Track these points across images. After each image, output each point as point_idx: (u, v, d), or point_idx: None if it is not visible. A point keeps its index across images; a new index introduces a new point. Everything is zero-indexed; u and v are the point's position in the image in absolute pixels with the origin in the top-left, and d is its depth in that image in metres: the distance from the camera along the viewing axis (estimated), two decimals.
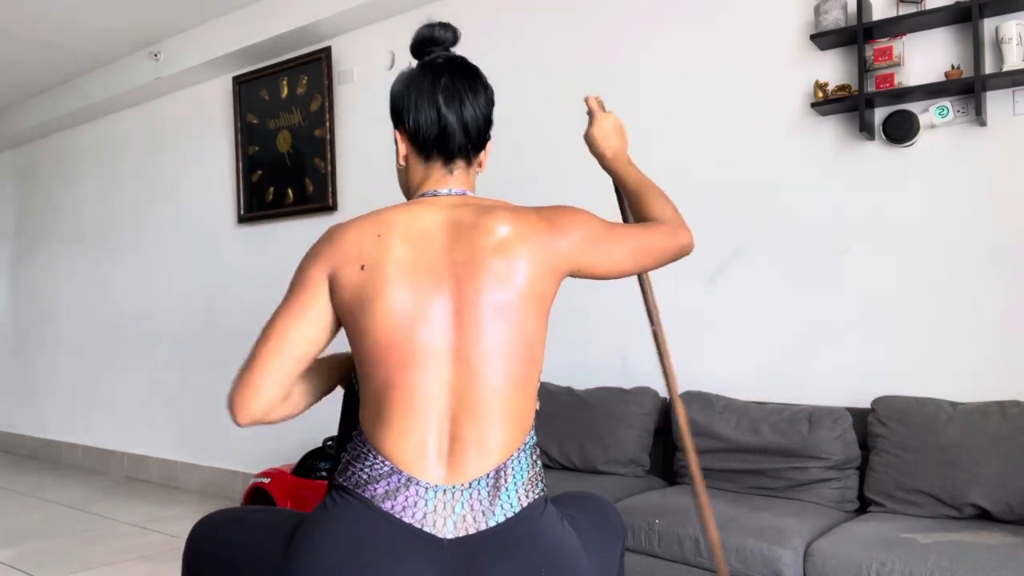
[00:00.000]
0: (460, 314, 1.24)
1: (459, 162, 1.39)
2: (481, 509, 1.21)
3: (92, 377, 6.23)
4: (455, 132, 1.36)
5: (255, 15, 4.73)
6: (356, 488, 1.23)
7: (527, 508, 1.25)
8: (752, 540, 2.33)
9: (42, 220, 6.88)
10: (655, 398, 3.17)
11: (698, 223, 3.28)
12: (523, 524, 1.24)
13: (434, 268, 1.25)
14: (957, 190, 2.76)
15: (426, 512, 1.20)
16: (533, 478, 1.28)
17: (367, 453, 1.24)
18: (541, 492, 1.30)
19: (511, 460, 1.25)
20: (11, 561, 3.68)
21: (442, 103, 1.35)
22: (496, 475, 1.23)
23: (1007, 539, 2.17)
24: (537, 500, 1.28)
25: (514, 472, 1.25)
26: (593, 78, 3.64)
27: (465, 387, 1.23)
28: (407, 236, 1.27)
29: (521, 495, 1.25)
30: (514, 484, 1.25)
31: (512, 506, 1.24)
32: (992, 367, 2.66)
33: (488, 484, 1.22)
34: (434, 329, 1.23)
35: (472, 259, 1.25)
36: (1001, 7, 2.66)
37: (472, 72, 1.43)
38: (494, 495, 1.22)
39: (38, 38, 5.19)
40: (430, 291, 1.24)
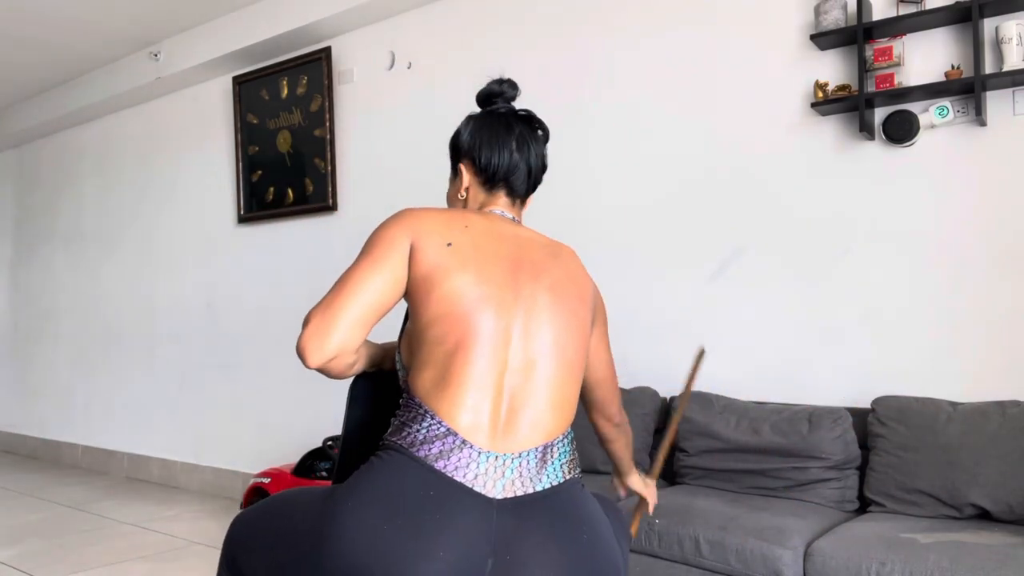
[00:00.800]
0: (531, 302, 1.37)
1: (519, 200, 1.56)
2: (529, 476, 1.30)
3: (92, 377, 6.23)
4: (522, 173, 1.53)
5: (255, 15, 4.73)
6: (410, 447, 1.27)
7: (569, 481, 1.35)
8: (752, 540, 2.33)
9: (42, 220, 6.88)
10: (655, 398, 3.17)
11: (698, 223, 3.30)
12: (567, 492, 1.34)
13: (514, 261, 1.39)
14: (957, 190, 2.76)
15: (477, 474, 1.26)
16: (573, 461, 1.39)
17: (424, 414, 1.29)
18: (579, 473, 1.41)
19: (557, 441, 1.35)
20: (11, 561, 3.68)
21: (515, 147, 1.51)
22: (544, 449, 1.33)
23: (1007, 539, 2.17)
24: (577, 478, 1.40)
25: (559, 451, 1.35)
26: (593, 78, 3.64)
27: (526, 367, 1.33)
28: (489, 234, 1.41)
29: (564, 471, 1.35)
30: (559, 460, 1.35)
31: (557, 476, 1.33)
32: (992, 367, 2.66)
33: (536, 456, 1.31)
34: (507, 310, 1.34)
35: (545, 265, 1.42)
36: (1001, 7, 2.66)
37: (540, 125, 1.59)
38: (541, 466, 1.31)
39: (38, 38, 5.19)
40: (508, 278, 1.37)
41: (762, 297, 3.13)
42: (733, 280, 3.21)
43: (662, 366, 3.31)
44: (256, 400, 4.91)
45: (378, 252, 1.34)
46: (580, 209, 3.61)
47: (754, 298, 3.15)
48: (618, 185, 3.54)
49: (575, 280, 1.47)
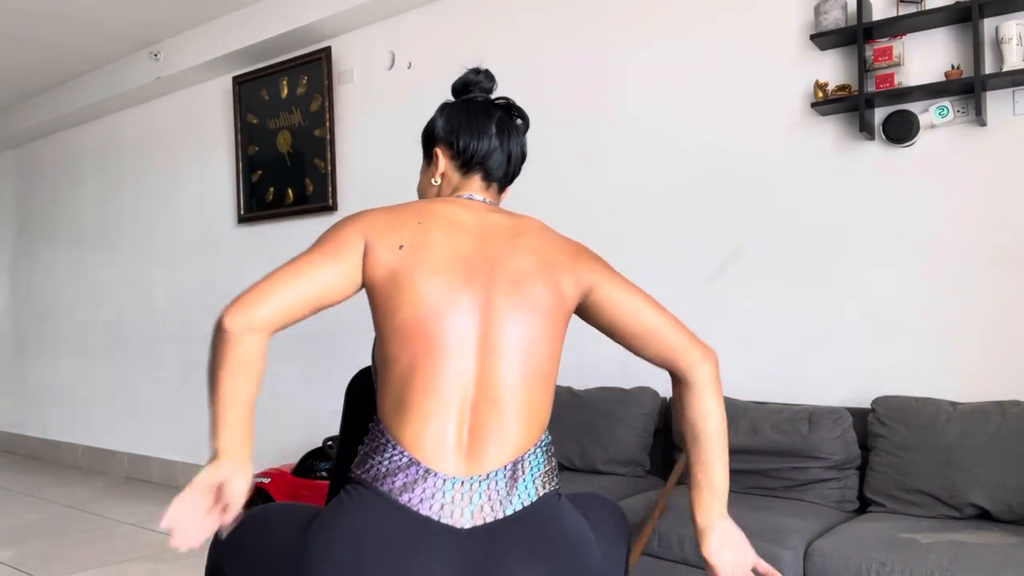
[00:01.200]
0: (488, 307, 1.28)
1: (494, 185, 1.50)
2: (499, 499, 1.24)
3: (92, 377, 6.23)
4: (500, 158, 1.47)
5: (255, 15, 4.73)
6: (374, 482, 1.23)
7: (543, 498, 1.28)
8: (752, 540, 2.31)
9: (42, 220, 6.88)
10: (655, 398, 3.17)
11: (697, 223, 3.30)
12: (540, 512, 1.26)
13: (468, 261, 1.30)
14: (957, 190, 2.76)
15: (443, 503, 1.21)
16: (549, 472, 1.31)
17: (386, 444, 1.25)
18: (556, 486, 1.32)
19: (528, 454, 1.28)
20: (11, 561, 3.68)
21: (494, 132, 1.46)
22: (513, 467, 1.26)
23: (1007, 539, 2.17)
24: (552, 491, 1.31)
25: (530, 465, 1.28)
26: (593, 78, 3.64)
27: (488, 378, 1.26)
28: (447, 227, 1.33)
29: (538, 486, 1.28)
30: (531, 475, 1.27)
31: (529, 495, 1.26)
32: (992, 367, 2.66)
33: (506, 475, 1.25)
34: (464, 318, 1.27)
35: (504, 257, 1.32)
36: (1001, 7, 2.66)
37: (519, 113, 1.54)
38: (511, 486, 1.25)
39: (38, 37, 5.19)
40: (463, 282, 1.28)
41: (762, 297, 3.13)
42: (733, 280, 3.21)
43: None
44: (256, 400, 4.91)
45: (328, 246, 1.29)
46: (580, 209, 3.61)
47: (754, 298, 3.15)
48: (618, 185, 3.53)
49: (542, 260, 1.34)
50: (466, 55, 4.33)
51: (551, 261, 1.35)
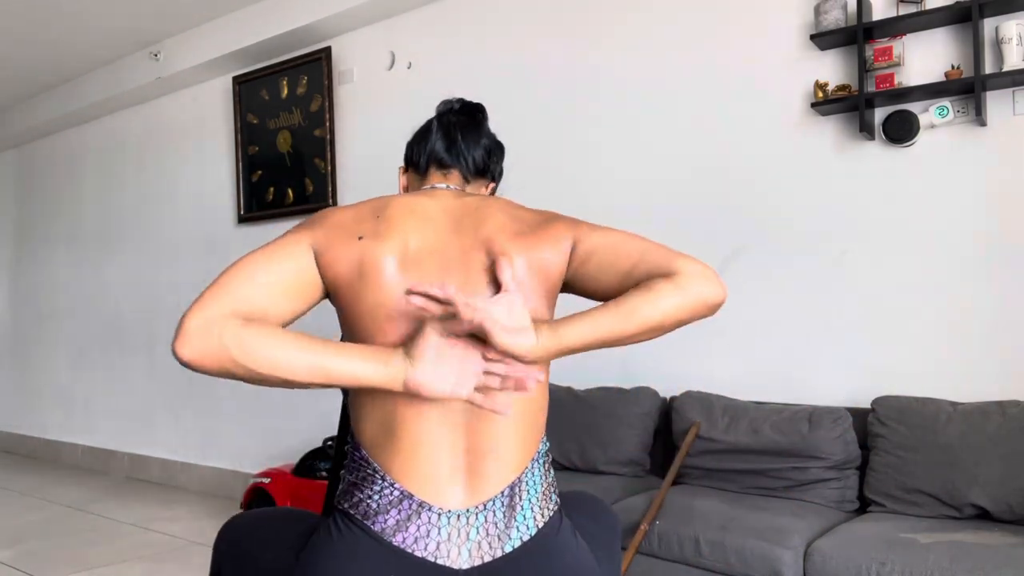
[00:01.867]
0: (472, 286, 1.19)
1: (454, 173, 1.42)
2: (496, 533, 1.16)
3: (92, 377, 6.23)
4: (455, 149, 1.41)
5: (255, 15, 4.73)
6: (364, 519, 1.15)
7: (543, 528, 1.20)
8: (752, 540, 2.33)
9: (42, 220, 6.88)
10: (655, 398, 3.17)
11: (698, 223, 3.30)
12: (539, 546, 1.19)
13: (438, 252, 1.21)
14: (957, 190, 2.76)
15: (439, 542, 1.14)
16: (547, 490, 1.23)
17: (374, 475, 1.16)
18: (556, 506, 1.25)
19: (525, 473, 1.20)
20: (11, 561, 3.68)
21: (440, 134, 1.43)
22: (511, 492, 1.18)
23: (1007, 539, 2.17)
24: (553, 517, 1.23)
25: (528, 487, 1.20)
26: (593, 78, 3.64)
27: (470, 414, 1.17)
28: (409, 216, 1.23)
29: (536, 513, 1.20)
30: (529, 501, 1.20)
31: (528, 527, 1.19)
32: (992, 367, 2.66)
33: (503, 504, 1.17)
34: None
35: (476, 244, 1.22)
36: (1001, 7, 2.66)
37: (469, 108, 1.49)
38: (509, 516, 1.18)
39: (38, 38, 5.19)
40: (433, 276, 1.17)
41: (762, 297, 3.13)
42: (733, 280, 3.19)
43: (662, 366, 3.31)
44: (256, 400, 4.91)
45: (273, 246, 1.18)
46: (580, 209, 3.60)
47: (754, 298, 3.15)
48: (617, 185, 3.53)
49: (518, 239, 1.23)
50: (466, 55, 4.35)
51: (526, 236, 1.23)
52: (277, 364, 1.03)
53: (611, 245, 1.23)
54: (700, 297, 1.15)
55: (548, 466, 1.27)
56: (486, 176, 1.48)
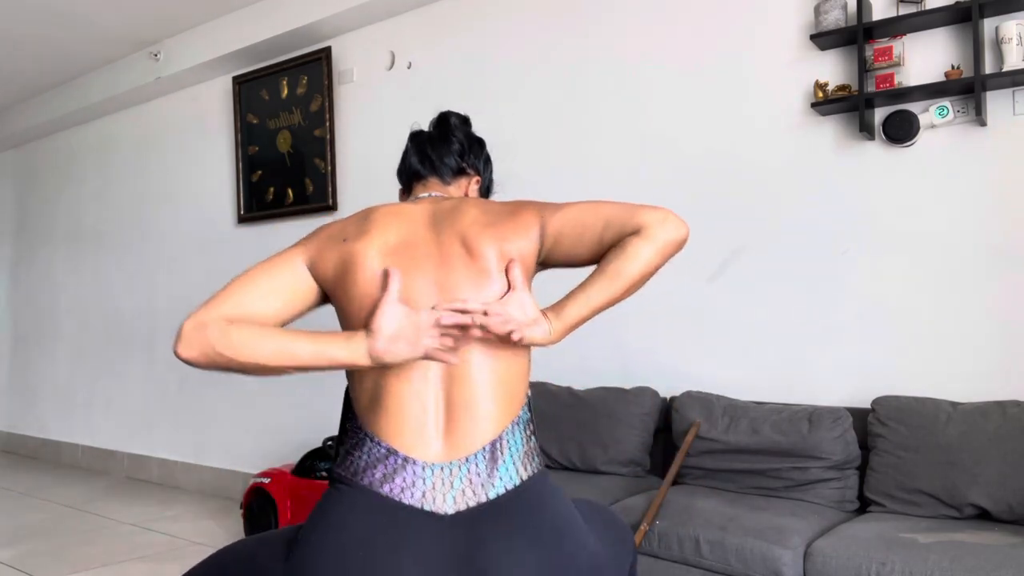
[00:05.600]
0: (446, 283, 1.29)
1: (432, 180, 1.55)
2: (480, 482, 1.23)
3: (92, 377, 6.23)
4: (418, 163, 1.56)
5: (255, 15, 4.73)
6: (355, 476, 1.25)
7: (527, 480, 1.27)
8: (752, 540, 2.33)
9: (42, 220, 6.88)
10: (655, 398, 3.17)
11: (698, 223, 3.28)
12: (524, 495, 1.26)
13: (416, 245, 1.32)
14: (957, 190, 2.76)
15: (425, 491, 1.22)
16: (529, 452, 1.30)
17: (364, 438, 1.26)
18: (540, 466, 1.32)
19: (505, 433, 1.27)
20: (11, 561, 3.68)
21: (415, 150, 1.58)
22: (492, 448, 1.25)
23: (1007, 539, 2.17)
24: (537, 473, 1.30)
25: (509, 445, 1.27)
26: (593, 78, 3.64)
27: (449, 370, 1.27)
28: (390, 217, 1.36)
29: (519, 467, 1.27)
30: (511, 456, 1.27)
31: (511, 478, 1.26)
32: (992, 367, 2.66)
33: (485, 457, 1.24)
34: (419, 300, 1.27)
35: (451, 238, 1.32)
36: (1001, 7, 2.66)
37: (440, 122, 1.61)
38: (492, 468, 1.24)
39: (38, 38, 5.19)
40: (412, 265, 1.29)
41: (762, 297, 3.13)
42: (733, 280, 3.21)
43: (662, 366, 3.31)
44: (256, 400, 4.91)
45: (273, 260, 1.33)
46: None
47: (754, 298, 3.15)
48: (617, 185, 3.53)
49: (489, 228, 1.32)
50: (466, 55, 4.35)
51: (496, 226, 1.33)
52: (252, 350, 1.20)
53: (576, 221, 1.33)
54: (668, 241, 1.29)
55: (530, 433, 1.33)
56: (466, 174, 1.58)
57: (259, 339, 1.21)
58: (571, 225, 1.32)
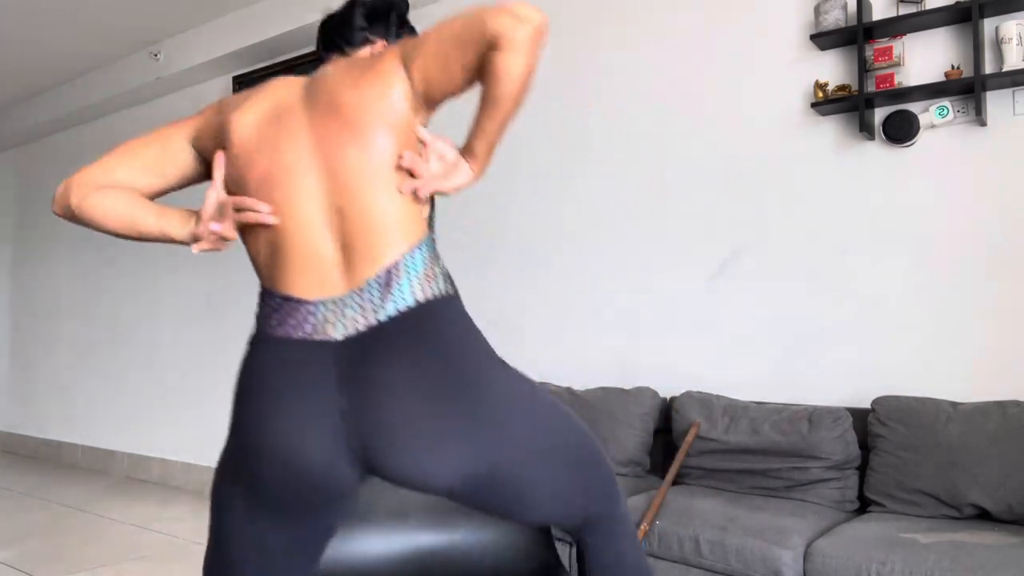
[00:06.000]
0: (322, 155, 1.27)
1: (332, 56, 1.56)
2: (372, 308, 1.21)
3: (92, 377, 6.23)
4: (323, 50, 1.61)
5: (255, 15, 4.73)
6: (257, 331, 1.28)
7: (425, 303, 1.23)
8: (752, 540, 2.33)
9: (43, 220, 6.88)
10: (655, 398, 3.17)
11: (698, 223, 3.30)
12: (419, 317, 1.22)
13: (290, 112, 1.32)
14: (957, 190, 2.76)
15: (315, 324, 1.22)
16: (431, 274, 1.26)
17: (263, 296, 1.29)
18: (446, 291, 1.27)
19: (405, 257, 1.24)
20: (11, 561, 3.68)
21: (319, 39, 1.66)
22: (387, 274, 1.23)
23: (1007, 539, 2.17)
24: (440, 297, 1.25)
25: (408, 268, 1.24)
26: (593, 78, 3.64)
27: (340, 200, 1.25)
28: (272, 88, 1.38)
29: (416, 289, 1.23)
30: (408, 279, 1.23)
31: (405, 299, 1.22)
32: (992, 367, 2.66)
33: (379, 283, 1.22)
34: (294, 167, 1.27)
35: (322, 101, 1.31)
36: (1001, 7, 2.66)
37: None
38: (385, 292, 1.22)
39: (38, 38, 5.19)
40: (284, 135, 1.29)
41: (762, 297, 3.13)
42: (733, 280, 3.21)
43: (662, 366, 3.31)
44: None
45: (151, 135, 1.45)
46: (579, 209, 3.61)
47: (754, 298, 3.15)
48: (617, 185, 3.53)
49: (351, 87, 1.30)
50: None
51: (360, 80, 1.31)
52: (103, 218, 1.35)
53: (436, 52, 1.27)
54: (529, 40, 1.20)
55: (433, 257, 1.29)
56: (367, 43, 1.55)
57: (111, 209, 1.34)
58: (433, 58, 1.27)
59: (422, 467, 1.19)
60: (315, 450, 1.19)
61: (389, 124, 1.27)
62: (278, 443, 1.20)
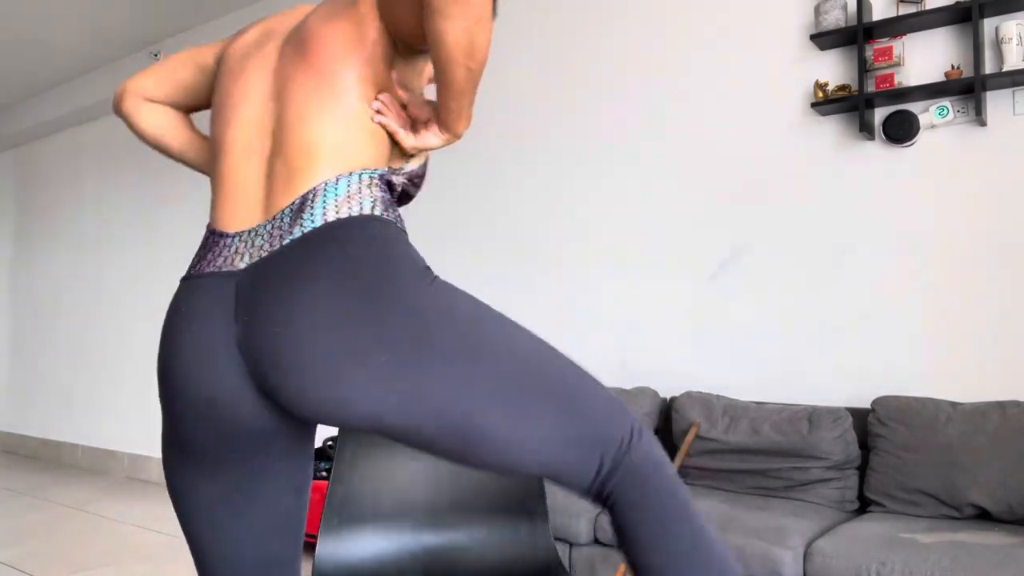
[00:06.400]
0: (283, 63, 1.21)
1: None
2: (280, 234, 1.10)
3: (92, 377, 6.23)
4: None
5: (255, 15, 4.73)
6: (187, 271, 1.21)
7: (335, 222, 1.09)
8: (752, 540, 2.33)
9: (42, 220, 6.88)
10: (655, 398, 3.17)
11: (698, 223, 3.30)
12: (322, 236, 1.08)
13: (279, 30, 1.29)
14: (957, 190, 2.76)
15: (227, 256, 1.14)
16: (355, 197, 1.12)
17: (205, 232, 1.22)
18: (371, 211, 1.12)
19: (328, 185, 1.12)
20: (11, 561, 3.68)
21: None
22: (303, 200, 1.11)
23: (1007, 539, 2.17)
24: (360, 216, 1.10)
25: (325, 193, 1.11)
26: (593, 77, 3.64)
27: (277, 128, 1.17)
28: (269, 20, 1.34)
29: (330, 210, 1.10)
30: (322, 202, 1.11)
31: (314, 221, 1.09)
32: (992, 367, 2.66)
33: (292, 210, 1.11)
34: (257, 73, 1.23)
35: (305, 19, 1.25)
36: (1001, 7, 2.66)
37: None
38: (296, 217, 1.10)
39: (38, 38, 5.19)
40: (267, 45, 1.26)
41: (762, 297, 3.13)
42: (733, 280, 3.21)
43: (662, 366, 3.32)
44: None
45: (196, 49, 1.44)
46: (579, 210, 3.61)
47: (754, 298, 3.15)
48: (617, 185, 3.53)
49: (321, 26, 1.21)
50: None
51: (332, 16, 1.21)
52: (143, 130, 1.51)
53: None
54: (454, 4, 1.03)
55: (366, 185, 1.14)
56: None
57: (154, 127, 1.49)
58: None
59: (323, 394, 1.04)
60: (213, 380, 1.10)
61: (353, 56, 1.17)
62: (179, 380, 1.13)
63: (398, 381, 1.03)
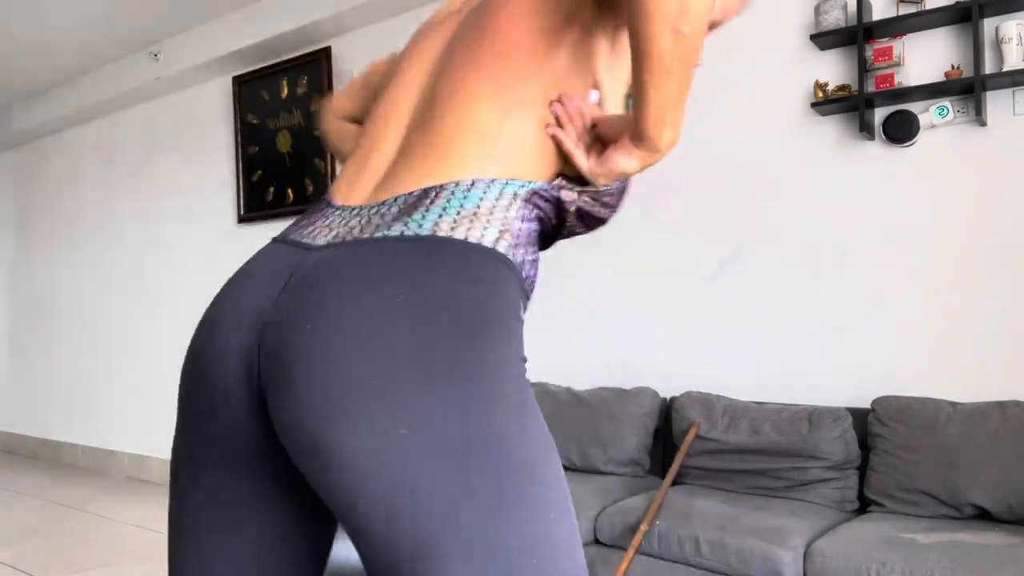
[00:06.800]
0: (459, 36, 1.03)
1: None
2: (376, 224, 0.90)
3: (92, 377, 6.23)
4: None
5: (255, 15, 4.73)
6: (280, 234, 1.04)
7: (447, 240, 0.87)
8: (752, 540, 2.33)
9: (42, 220, 6.88)
10: (655, 398, 3.17)
11: (698, 223, 3.30)
12: (413, 247, 0.87)
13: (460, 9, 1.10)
14: (957, 190, 2.76)
15: (318, 228, 0.95)
16: (484, 217, 0.89)
17: None
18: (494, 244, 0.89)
19: (456, 187, 0.91)
20: (11, 561, 3.68)
21: None
22: (422, 195, 0.91)
23: (1007, 539, 2.17)
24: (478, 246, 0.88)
25: (450, 198, 0.90)
26: None
27: (430, 96, 0.99)
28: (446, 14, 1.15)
29: (443, 224, 0.88)
30: (442, 208, 0.89)
31: (419, 227, 0.88)
32: (992, 367, 2.66)
33: (405, 202, 0.91)
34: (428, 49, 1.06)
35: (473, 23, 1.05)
36: (1001, 7, 2.66)
37: None
38: (404, 213, 0.90)
39: (38, 38, 5.19)
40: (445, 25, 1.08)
41: (762, 297, 3.13)
42: (733, 280, 3.21)
43: (662, 366, 3.31)
44: None
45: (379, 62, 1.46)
46: None
47: (754, 298, 3.15)
48: None
49: None
50: None
51: None
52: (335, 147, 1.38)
53: None
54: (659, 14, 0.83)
55: (512, 207, 0.92)
56: None
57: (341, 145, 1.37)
58: None
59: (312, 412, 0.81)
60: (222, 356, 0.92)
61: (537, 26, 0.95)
62: (199, 343, 0.97)
63: (398, 468, 0.79)
